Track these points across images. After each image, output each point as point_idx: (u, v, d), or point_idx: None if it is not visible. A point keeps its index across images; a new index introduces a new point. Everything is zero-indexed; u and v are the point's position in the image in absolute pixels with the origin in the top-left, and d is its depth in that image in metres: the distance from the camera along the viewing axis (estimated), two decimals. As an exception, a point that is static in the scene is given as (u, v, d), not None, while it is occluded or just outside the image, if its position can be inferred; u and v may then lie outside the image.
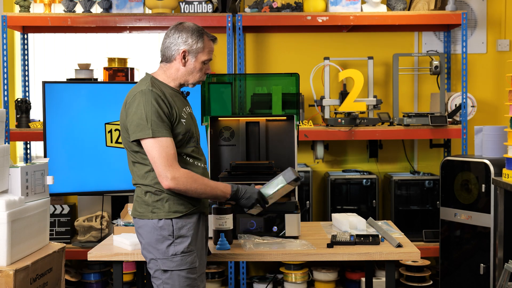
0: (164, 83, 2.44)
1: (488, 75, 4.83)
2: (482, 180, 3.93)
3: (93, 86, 4.02)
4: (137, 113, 2.31)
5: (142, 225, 2.38)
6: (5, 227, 2.59)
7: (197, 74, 2.45)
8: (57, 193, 3.91)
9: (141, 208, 2.38)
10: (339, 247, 2.72)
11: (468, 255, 4.06)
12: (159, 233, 2.34)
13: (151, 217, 2.35)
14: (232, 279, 4.32)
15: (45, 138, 3.89)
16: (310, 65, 4.66)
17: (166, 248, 2.34)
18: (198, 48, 2.42)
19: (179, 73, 2.44)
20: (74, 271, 4.47)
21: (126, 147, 2.43)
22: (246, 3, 4.73)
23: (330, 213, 4.39)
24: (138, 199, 2.41)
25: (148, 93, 2.32)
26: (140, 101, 2.31)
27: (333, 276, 4.46)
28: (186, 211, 2.37)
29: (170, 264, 2.34)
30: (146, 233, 2.37)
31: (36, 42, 4.79)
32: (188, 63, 2.43)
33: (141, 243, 2.42)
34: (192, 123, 2.48)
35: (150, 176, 2.36)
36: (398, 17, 4.37)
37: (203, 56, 2.44)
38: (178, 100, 2.43)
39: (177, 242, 2.34)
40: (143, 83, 2.38)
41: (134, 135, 2.32)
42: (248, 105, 3.27)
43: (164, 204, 2.35)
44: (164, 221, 2.34)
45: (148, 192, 2.37)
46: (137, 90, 2.35)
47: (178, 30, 2.44)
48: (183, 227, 2.36)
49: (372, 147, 4.67)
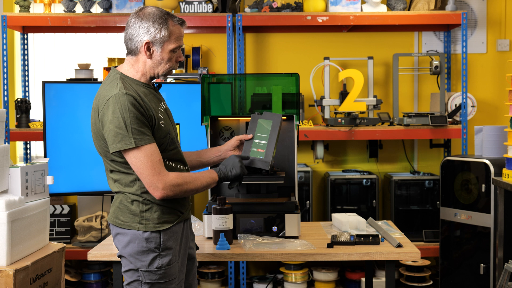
0: (134, 79, 2.24)
1: (488, 75, 4.83)
2: (482, 180, 3.93)
3: (93, 86, 4.01)
4: (114, 121, 2.11)
5: (123, 233, 2.22)
6: (5, 227, 2.59)
7: (166, 64, 2.24)
8: (57, 193, 3.91)
9: (125, 217, 2.22)
10: (339, 247, 2.72)
11: (468, 255, 4.06)
12: (145, 245, 2.20)
13: (137, 228, 2.19)
14: (232, 279, 4.32)
15: (45, 138, 3.89)
16: (310, 65, 4.66)
17: (151, 261, 2.20)
18: (163, 37, 2.20)
19: (146, 66, 2.23)
20: (74, 271, 4.47)
21: (102, 155, 2.25)
22: (246, 3, 4.73)
23: (330, 213, 4.39)
24: (121, 207, 2.23)
25: (123, 97, 2.11)
26: (115, 108, 2.11)
27: (333, 276, 4.46)
28: (175, 219, 2.26)
29: (153, 277, 2.21)
30: (128, 242, 2.21)
31: (36, 42, 4.80)
32: (154, 54, 2.22)
33: (118, 249, 2.26)
34: (169, 121, 2.31)
35: (136, 185, 2.21)
36: (398, 17, 4.37)
37: (170, 45, 2.22)
38: (152, 98, 2.24)
39: (163, 254, 2.22)
40: (113, 84, 2.18)
41: (114, 145, 2.13)
42: (248, 105, 3.26)
43: (153, 214, 2.21)
44: (151, 234, 2.20)
45: (135, 201, 2.21)
46: (109, 94, 2.15)
47: (138, 19, 2.21)
48: (170, 239, 2.24)
49: (372, 147, 4.67)
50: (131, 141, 2.11)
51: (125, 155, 2.16)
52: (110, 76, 2.26)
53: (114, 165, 2.23)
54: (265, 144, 2.62)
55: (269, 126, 2.62)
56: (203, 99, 3.10)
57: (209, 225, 2.82)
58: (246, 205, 2.88)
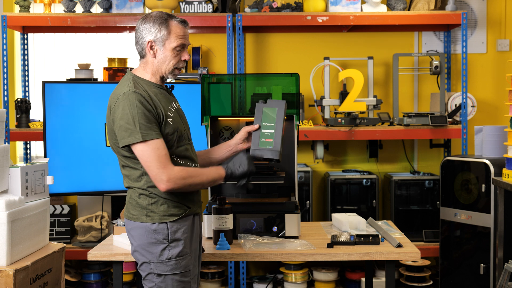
0: (146, 80, 2.35)
1: (488, 75, 4.83)
2: (482, 180, 3.93)
3: (93, 86, 4.01)
4: (124, 117, 2.24)
5: (134, 227, 2.33)
6: (5, 227, 2.59)
7: (170, 62, 2.34)
8: (57, 193, 3.91)
9: (135, 210, 2.33)
10: (339, 247, 2.72)
11: (468, 255, 4.06)
12: (153, 236, 2.29)
13: (145, 221, 2.30)
14: (232, 279, 4.32)
15: (45, 138, 3.89)
16: (310, 65, 4.66)
17: (161, 252, 2.29)
18: (163, 35, 2.31)
19: (154, 66, 2.35)
20: (74, 271, 4.47)
21: (115, 151, 2.36)
22: (246, 3, 4.73)
23: (330, 213, 4.39)
24: (131, 201, 2.35)
25: (132, 95, 2.24)
26: (124, 105, 2.24)
27: (333, 276, 4.46)
28: (181, 213, 2.33)
29: (164, 268, 2.29)
30: (139, 235, 2.32)
31: (36, 42, 4.80)
32: (158, 53, 2.33)
33: (132, 245, 2.36)
34: (180, 120, 2.41)
35: (143, 180, 2.31)
36: (398, 17, 4.37)
37: (172, 43, 2.32)
38: (163, 97, 2.35)
39: (172, 246, 2.30)
40: (125, 84, 2.31)
41: (123, 140, 2.25)
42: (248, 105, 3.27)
43: (159, 207, 2.30)
44: (159, 225, 2.29)
45: (142, 194, 2.32)
46: (120, 92, 2.28)
47: (142, 22, 2.35)
48: (178, 231, 2.32)
49: (372, 147, 4.67)
50: (139, 135, 2.22)
51: (133, 149, 2.26)
52: (124, 77, 2.39)
53: (125, 160, 2.34)
54: (272, 133, 2.59)
55: (274, 114, 2.60)
56: (203, 99, 3.10)
57: (209, 225, 2.82)
58: (246, 205, 2.88)
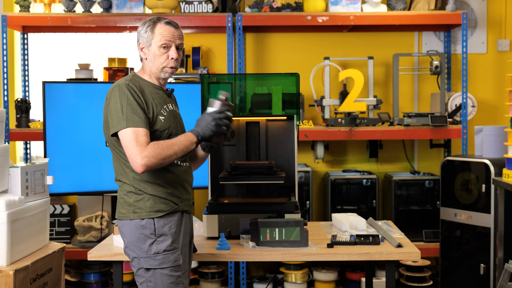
0: (145, 79, 2.46)
1: (488, 75, 4.83)
2: (482, 180, 3.93)
3: (93, 86, 4.01)
4: (115, 107, 2.34)
5: (124, 224, 2.40)
6: (5, 227, 2.58)
7: (157, 61, 2.43)
8: (57, 193, 3.91)
9: (123, 209, 2.41)
10: (339, 247, 2.72)
11: (468, 255, 4.06)
12: (141, 232, 2.36)
13: (132, 217, 2.37)
14: (232, 279, 4.32)
15: (45, 138, 3.89)
16: (310, 65, 4.66)
17: (149, 247, 2.35)
18: (148, 36, 2.43)
19: (147, 67, 2.46)
20: (74, 271, 4.47)
21: (110, 144, 2.45)
22: (246, 3, 4.73)
23: (330, 213, 4.39)
24: (120, 200, 2.43)
25: (123, 86, 2.35)
26: (116, 95, 2.35)
27: (333, 276, 4.46)
28: (168, 209, 2.39)
29: (152, 262, 2.35)
30: (128, 232, 2.39)
31: (36, 42, 4.79)
32: (148, 54, 2.44)
33: (124, 242, 2.44)
34: (174, 120, 2.47)
35: (131, 176, 2.39)
36: (398, 17, 4.37)
37: (157, 42, 2.42)
38: (158, 97, 2.44)
39: (159, 240, 2.36)
40: (123, 78, 2.43)
41: (113, 129, 2.34)
42: (248, 105, 3.27)
43: (146, 203, 2.37)
44: (146, 220, 2.36)
45: (129, 192, 2.40)
46: (116, 84, 2.40)
47: (140, 26, 2.49)
48: (165, 226, 2.38)
49: (372, 147, 4.67)
50: (124, 122, 2.31)
51: (119, 135, 2.33)
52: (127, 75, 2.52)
53: (116, 151, 2.42)
54: None
55: None
56: (203, 99, 3.10)
57: (209, 225, 2.82)
58: (246, 205, 2.88)
